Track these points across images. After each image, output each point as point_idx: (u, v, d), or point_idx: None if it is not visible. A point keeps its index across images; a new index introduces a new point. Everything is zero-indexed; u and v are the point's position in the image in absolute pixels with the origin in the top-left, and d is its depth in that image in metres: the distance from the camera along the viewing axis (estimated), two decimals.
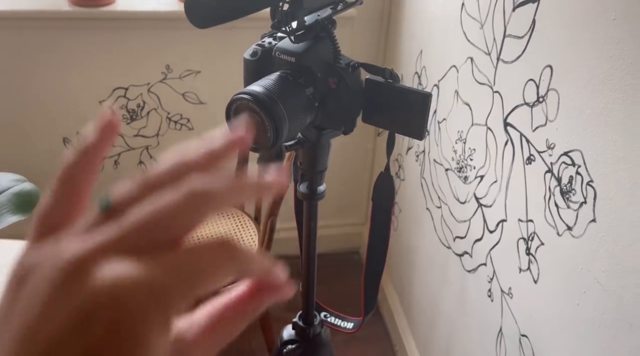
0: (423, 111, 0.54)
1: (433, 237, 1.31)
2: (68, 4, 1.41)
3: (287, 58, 0.54)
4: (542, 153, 0.84)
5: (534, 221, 0.88)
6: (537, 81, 0.84)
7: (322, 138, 0.60)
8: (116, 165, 1.67)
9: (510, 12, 0.91)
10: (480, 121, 1.05)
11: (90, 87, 1.54)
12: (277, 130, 0.50)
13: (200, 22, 0.43)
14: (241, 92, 0.50)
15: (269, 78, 0.53)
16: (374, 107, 0.57)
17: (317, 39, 0.54)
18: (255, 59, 0.57)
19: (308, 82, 0.54)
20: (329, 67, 0.55)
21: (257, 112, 0.50)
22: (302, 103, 0.53)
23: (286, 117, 0.51)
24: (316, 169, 0.62)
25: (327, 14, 0.55)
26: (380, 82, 0.56)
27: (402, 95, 0.55)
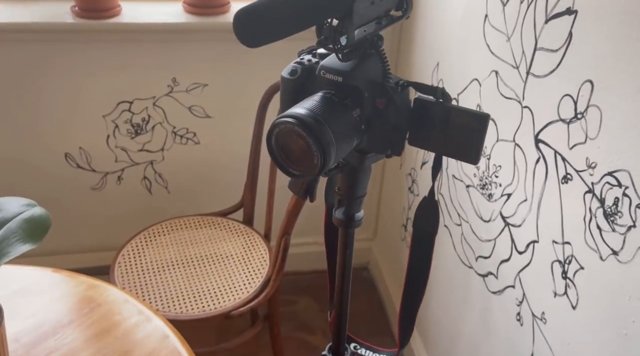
0: (479, 133, 0.50)
1: (452, 255, 1.27)
2: (72, 16, 1.37)
3: (333, 77, 0.49)
4: (581, 172, 0.80)
5: (571, 243, 0.83)
6: (575, 97, 0.80)
7: (365, 163, 0.55)
8: (119, 181, 1.62)
9: (542, 24, 0.87)
10: (506, 137, 1.01)
11: (94, 101, 1.49)
12: (324, 155, 0.46)
13: (251, 40, 0.39)
14: (284, 116, 0.46)
15: (313, 99, 0.48)
16: (422, 129, 0.52)
17: (364, 56, 0.50)
18: (294, 78, 0.52)
19: (355, 103, 0.50)
20: (377, 86, 0.51)
21: (303, 136, 0.45)
22: (349, 126, 0.49)
23: (334, 142, 0.46)
24: (355, 195, 0.58)
25: (372, 29, 0.50)
26: (431, 101, 0.51)
27: (455, 116, 0.51)
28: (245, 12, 0.39)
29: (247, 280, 1.28)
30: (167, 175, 1.64)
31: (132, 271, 1.28)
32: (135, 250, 1.34)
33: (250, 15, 0.38)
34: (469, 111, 0.51)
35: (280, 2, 0.39)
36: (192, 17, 1.43)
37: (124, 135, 1.55)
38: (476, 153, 0.51)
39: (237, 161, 1.57)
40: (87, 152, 1.55)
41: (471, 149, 0.51)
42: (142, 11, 1.43)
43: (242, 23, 0.38)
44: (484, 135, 0.50)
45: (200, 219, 1.47)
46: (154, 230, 1.41)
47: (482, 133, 0.50)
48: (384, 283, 1.79)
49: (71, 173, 1.57)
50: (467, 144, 0.51)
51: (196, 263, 1.33)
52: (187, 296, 1.23)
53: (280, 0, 0.39)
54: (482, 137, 0.50)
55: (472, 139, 0.50)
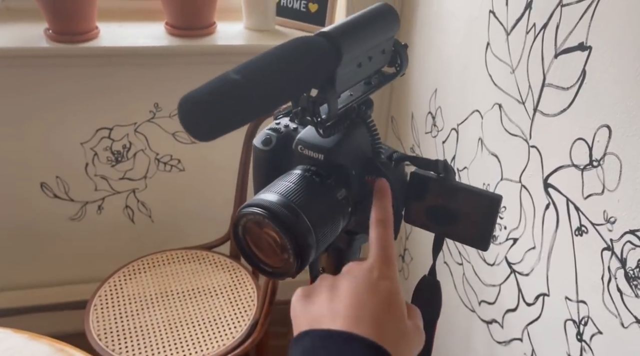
0: (489, 218, 0.42)
1: (453, 296, 1.18)
2: (46, 40, 1.28)
3: (313, 154, 0.41)
4: (598, 226, 0.72)
5: (587, 303, 0.75)
6: (590, 142, 0.72)
7: (354, 244, 0.47)
8: (100, 211, 1.53)
9: (552, 58, 0.79)
10: (512, 177, 0.92)
11: (71, 128, 1.40)
12: (301, 253, 0.37)
13: (204, 133, 0.30)
14: (252, 204, 0.37)
15: (288, 180, 0.40)
16: (421, 206, 0.44)
17: (350, 126, 0.42)
18: (269, 149, 0.44)
19: (340, 183, 0.41)
20: (366, 162, 0.42)
21: (275, 230, 0.37)
22: (333, 210, 0.41)
23: (313, 234, 0.38)
24: None
25: (360, 91, 0.42)
26: (431, 178, 0.43)
27: (460, 196, 0.42)
28: (197, 102, 0.30)
29: (232, 323, 1.20)
30: (150, 204, 1.56)
31: (109, 314, 1.19)
32: (114, 289, 1.25)
33: (204, 106, 0.30)
34: (477, 191, 0.42)
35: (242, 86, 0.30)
36: (175, 40, 1.34)
37: (103, 163, 1.46)
38: (485, 240, 0.43)
39: (224, 189, 1.49)
40: (65, 181, 1.47)
41: (479, 234, 0.43)
42: (121, 33, 1.34)
43: (192, 115, 0.30)
44: (494, 220, 0.42)
45: (184, 253, 1.38)
46: (135, 267, 1.32)
47: (493, 217, 0.42)
48: None
49: (48, 203, 1.48)
50: (473, 227, 0.43)
51: (178, 303, 1.24)
52: (168, 343, 1.14)
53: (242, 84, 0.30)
54: (493, 222, 0.42)
55: (480, 223, 0.42)
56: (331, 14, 1.42)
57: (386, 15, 0.39)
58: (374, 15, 0.38)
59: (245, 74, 0.31)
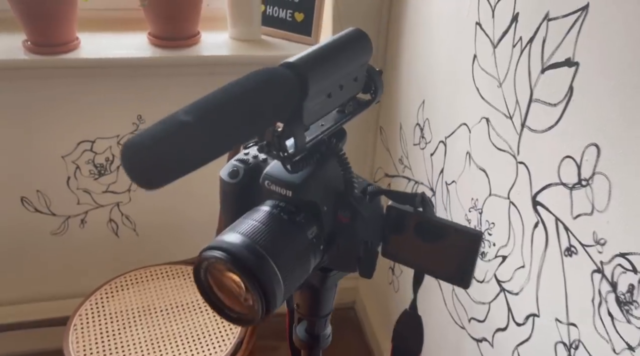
0: (470, 255, 0.39)
1: (442, 311, 1.16)
2: (24, 51, 1.25)
3: (281, 190, 0.38)
4: (588, 247, 0.70)
5: (577, 326, 0.73)
6: (579, 160, 0.70)
7: (328, 281, 0.45)
8: (83, 224, 1.50)
9: (539, 73, 0.77)
10: (500, 192, 0.90)
11: (52, 141, 1.37)
12: (267, 299, 0.35)
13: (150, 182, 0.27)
14: (214, 247, 0.35)
15: (254, 218, 0.37)
16: (399, 241, 0.42)
17: (321, 160, 0.39)
18: (235, 182, 0.41)
19: (310, 220, 0.39)
20: (339, 197, 0.40)
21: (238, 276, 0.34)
22: (303, 250, 0.38)
23: (280, 278, 0.35)
24: (319, 314, 0.47)
25: (332, 121, 0.40)
26: (409, 212, 0.41)
27: (439, 232, 0.40)
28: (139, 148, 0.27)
29: (217, 341, 1.17)
30: (135, 217, 1.52)
31: (89, 333, 1.16)
32: (95, 307, 1.22)
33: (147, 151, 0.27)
34: (456, 227, 0.40)
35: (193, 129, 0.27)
36: (158, 50, 1.31)
37: (86, 176, 1.43)
38: (466, 277, 0.40)
39: (209, 203, 1.46)
40: (46, 195, 1.43)
41: (459, 271, 0.40)
42: (102, 44, 1.31)
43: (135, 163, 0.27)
44: (475, 257, 0.40)
45: (168, 268, 1.35)
46: (118, 283, 1.29)
47: (474, 254, 0.39)
48: (369, 323, 1.68)
49: (28, 218, 1.45)
50: (454, 264, 0.40)
51: (162, 320, 1.21)
52: None
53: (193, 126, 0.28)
54: (474, 259, 0.40)
55: (461, 260, 0.40)
56: (317, 23, 1.40)
57: (358, 40, 0.37)
58: (344, 42, 0.36)
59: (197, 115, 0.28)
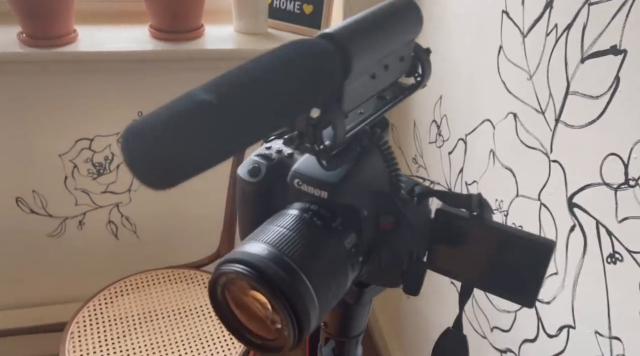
0: (537, 269, 0.33)
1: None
2: (19, 44, 1.18)
3: (314, 191, 0.32)
4: (636, 254, 0.63)
5: (622, 341, 0.66)
6: (625, 158, 0.64)
7: (364, 298, 0.38)
8: (81, 226, 1.43)
9: (577, 63, 0.71)
10: (529, 194, 0.84)
11: (48, 139, 1.30)
12: (299, 322, 0.28)
13: (159, 181, 0.20)
14: (234, 259, 0.28)
15: (281, 224, 0.30)
16: (448, 251, 0.35)
17: (361, 154, 0.33)
18: (257, 181, 0.35)
19: (348, 227, 0.32)
20: (382, 199, 0.33)
21: (265, 294, 0.28)
22: (340, 263, 0.31)
23: (315, 297, 0.29)
24: (350, 334, 0.40)
25: (372, 109, 0.33)
26: (462, 217, 0.34)
27: (499, 240, 0.33)
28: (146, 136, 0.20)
29: (222, 349, 1.10)
30: (135, 219, 1.46)
31: (87, 341, 1.09)
32: (93, 314, 1.16)
33: (158, 141, 0.20)
34: (522, 235, 0.33)
35: (214, 108, 0.21)
36: (160, 44, 1.25)
37: (84, 175, 1.37)
38: (531, 295, 0.34)
39: (213, 204, 1.39)
40: (42, 195, 1.37)
41: (522, 287, 0.34)
42: (101, 37, 1.25)
43: (140, 156, 0.20)
44: (544, 272, 0.33)
45: (170, 273, 1.28)
46: (117, 288, 1.22)
47: (543, 268, 0.33)
48: (380, 333, 1.62)
49: (24, 219, 1.38)
50: (515, 279, 0.34)
51: (164, 327, 1.14)
52: None
53: (213, 105, 0.21)
54: (542, 274, 0.33)
55: (524, 274, 0.33)
56: (327, 16, 1.33)
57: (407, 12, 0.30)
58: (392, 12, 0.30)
59: (221, 93, 0.21)
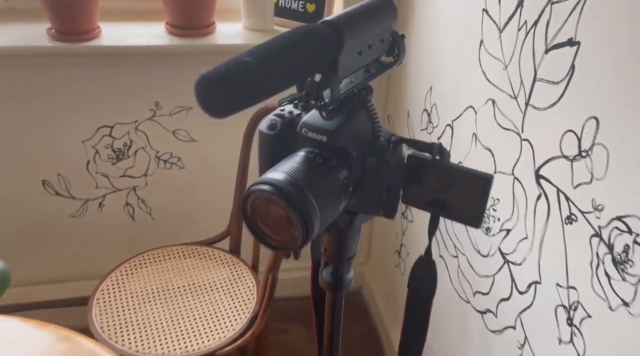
0: (481, 196, 0.44)
1: (448, 288, 1.21)
2: (48, 39, 1.30)
3: (316, 137, 0.44)
4: (587, 214, 0.75)
5: (577, 289, 0.78)
6: (579, 133, 0.75)
7: (354, 224, 0.50)
8: (101, 208, 1.55)
9: (542, 54, 0.82)
10: (505, 169, 0.95)
11: (73, 126, 1.42)
12: (306, 227, 0.40)
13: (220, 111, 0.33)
14: (260, 182, 0.40)
15: (293, 160, 0.42)
16: (417, 187, 0.47)
17: (351, 111, 0.45)
18: (274, 133, 0.47)
19: (342, 164, 0.44)
20: (367, 144, 0.45)
21: (282, 206, 0.39)
22: (335, 189, 0.43)
23: (317, 211, 0.40)
24: (344, 257, 0.52)
25: (360, 78, 0.45)
26: (427, 159, 0.46)
27: (453, 176, 0.45)
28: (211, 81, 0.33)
29: (233, 316, 1.22)
30: (150, 201, 1.58)
31: (110, 309, 1.21)
32: (115, 284, 1.28)
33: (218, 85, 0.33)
34: (469, 171, 0.45)
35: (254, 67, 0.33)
36: (175, 39, 1.37)
37: (104, 160, 1.49)
38: (478, 217, 0.46)
39: (223, 187, 1.51)
40: (66, 178, 1.49)
41: (472, 212, 0.46)
42: (122, 33, 1.37)
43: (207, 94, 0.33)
44: (486, 198, 0.45)
45: (184, 249, 1.40)
46: (136, 262, 1.34)
47: (485, 196, 0.44)
48: (377, 307, 1.73)
49: (49, 201, 1.50)
50: (467, 206, 0.46)
51: (179, 297, 1.26)
52: (170, 336, 1.16)
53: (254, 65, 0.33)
54: (485, 200, 0.45)
55: (473, 201, 0.45)
56: (328, 14, 1.45)
57: (384, 6, 0.42)
58: (373, 6, 0.41)
59: (256, 56, 0.33)
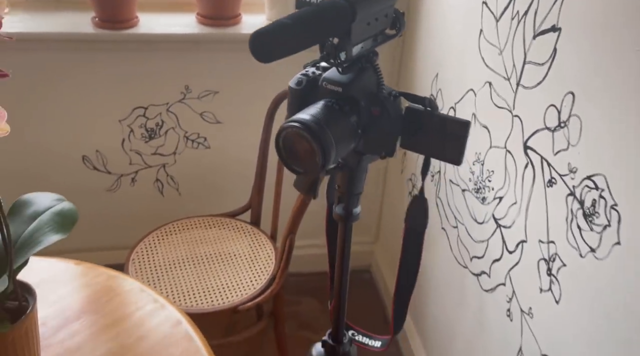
0: (461, 138, 0.57)
1: (449, 257, 1.33)
2: (92, 27, 1.45)
3: (334, 88, 0.57)
4: (564, 176, 0.87)
5: (555, 243, 0.90)
6: (559, 107, 0.87)
7: (362, 163, 0.63)
8: (133, 183, 1.70)
9: (531, 39, 0.94)
10: (499, 144, 1.08)
11: (111, 107, 1.57)
12: (325, 155, 0.53)
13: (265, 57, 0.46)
14: (291, 121, 0.53)
15: (316, 106, 0.55)
16: (413, 134, 0.60)
17: (361, 69, 0.57)
18: (300, 88, 0.60)
19: (353, 111, 0.57)
20: (373, 96, 0.58)
21: (307, 138, 0.52)
22: (347, 130, 0.56)
23: (334, 144, 0.53)
24: (353, 192, 0.65)
25: (369, 45, 0.58)
26: (420, 110, 0.59)
27: (441, 123, 0.58)
28: (261, 34, 0.46)
29: (253, 278, 1.35)
30: (178, 178, 1.72)
31: (145, 268, 1.35)
32: (148, 248, 1.42)
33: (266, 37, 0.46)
34: (453, 119, 0.58)
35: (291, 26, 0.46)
36: (205, 28, 1.51)
37: (138, 139, 1.63)
38: (459, 156, 0.58)
39: (245, 165, 1.65)
40: (104, 154, 1.63)
41: (454, 152, 0.58)
42: (157, 22, 1.51)
43: (258, 43, 0.46)
44: (466, 140, 0.57)
45: (209, 219, 1.54)
46: (166, 230, 1.48)
47: (465, 138, 0.57)
48: (385, 285, 1.85)
49: (88, 175, 1.65)
50: (450, 147, 0.58)
51: (206, 261, 1.40)
52: (197, 292, 1.30)
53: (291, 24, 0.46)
54: (464, 141, 0.57)
55: (455, 143, 0.57)
56: None
57: None
58: None
59: (293, 19, 0.47)
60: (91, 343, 0.84)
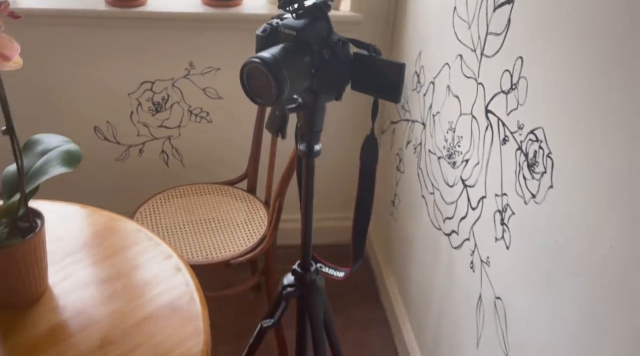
0: (399, 78, 0.67)
1: (427, 222, 1.43)
2: (104, 4, 1.58)
3: (289, 32, 0.68)
4: (514, 133, 0.97)
5: (507, 194, 1.00)
6: (511, 71, 0.97)
7: (318, 102, 0.73)
8: (141, 154, 1.82)
9: (492, 12, 1.04)
10: (467, 111, 1.18)
11: (120, 80, 1.69)
12: (279, 87, 0.64)
13: None
14: (252, 57, 0.64)
15: (275, 48, 0.66)
16: (360, 76, 0.70)
17: (314, 18, 0.68)
18: (264, 35, 0.71)
19: (306, 52, 0.68)
20: (324, 40, 0.69)
21: (265, 73, 0.63)
22: (301, 68, 0.67)
23: (287, 78, 0.64)
24: (313, 129, 0.75)
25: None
26: (365, 55, 0.69)
27: (382, 66, 0.68)
28: None
29: (247, 237, 1.47)
30: (182, 150, 1.84)
31: (146, 226, 1.47)
32: (151, 209, 1.54)
33: None
34: (391, 62, 0.68)
35: None
36: (209, 9, 1.63)
37: (145, 111, 1.76)
38: (397, 94, 0.69)
39: (243, 137, 1.76)
40: (113, 126, 1.76)
41: (394, 91, 0.69)
42: (165, 1, 1.63)
43: None
44: (402, 79, 0.68)
45: (209, 187, 1.66)
46: (169, 193, 1.61)
47: (401, 78, 0.67)
48: (375, 256, 1.95)
49: (99, 145, 1.78)
50: (391, 87, 0.69)
51: (204, 222, 1.52)
52: (194, 247, 1.42)
53: None
54: (402, 81, 0.68)
55: (394, 83, 0.68)
56: None
57: None
58: None
59: None
60: (91, 268, 0.96)
